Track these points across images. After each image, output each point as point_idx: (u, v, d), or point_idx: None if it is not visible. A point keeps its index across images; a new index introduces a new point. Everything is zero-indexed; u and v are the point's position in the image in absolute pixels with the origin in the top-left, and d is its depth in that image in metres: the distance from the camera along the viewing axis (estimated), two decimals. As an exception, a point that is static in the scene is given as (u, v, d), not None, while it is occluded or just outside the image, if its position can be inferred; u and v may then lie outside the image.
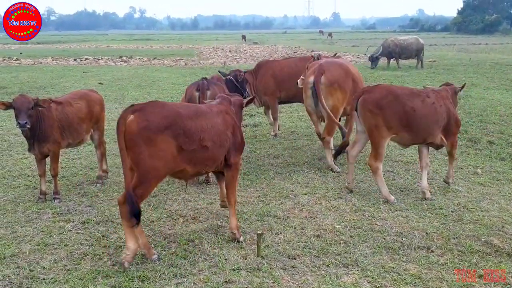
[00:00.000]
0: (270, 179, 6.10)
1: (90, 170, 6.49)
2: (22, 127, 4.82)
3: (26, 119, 4.79)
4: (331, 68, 6.42)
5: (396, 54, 19.74)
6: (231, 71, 7.44)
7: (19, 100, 4.86)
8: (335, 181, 6.02)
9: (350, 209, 5.09)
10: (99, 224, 4.74)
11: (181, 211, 5.07)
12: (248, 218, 4.90)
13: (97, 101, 5.85)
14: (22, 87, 14.78)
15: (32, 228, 4.60)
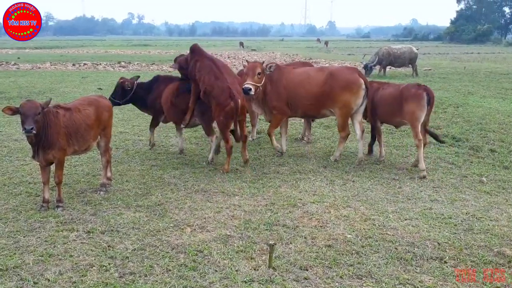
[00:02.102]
0: (276, 187, 6.00)
1: (93, 177, 6.37)
2: (28, 132, 4.67)
3: (32, 125, 4.66)
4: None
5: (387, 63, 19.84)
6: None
7: (26, 105, 4.73)
8: (342, 189, 5.94)
9: (359, 218, 5.00)
10: (104, 233, 4.62)
11: (188, 220, 4.96)
12: (257, 227, 4.79)
13: (106, 107, 5.73)
14: (20, 92, 14.63)
15: (35, 238, 4.47)
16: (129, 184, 6.09)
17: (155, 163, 7.08)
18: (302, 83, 7.03)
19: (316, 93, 6.94)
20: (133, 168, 6.83)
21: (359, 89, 6.82)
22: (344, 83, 6.82)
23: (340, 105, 6.88)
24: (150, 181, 6.24)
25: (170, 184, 6.11)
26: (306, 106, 7.10)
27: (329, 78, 6.89)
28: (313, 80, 7.00)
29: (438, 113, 11.03)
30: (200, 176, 6.49)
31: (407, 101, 6.59)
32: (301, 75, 7.15)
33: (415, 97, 6.56)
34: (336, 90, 6.83)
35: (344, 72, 7.01)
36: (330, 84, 6.86)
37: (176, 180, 6.29)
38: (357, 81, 6.85)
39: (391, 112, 6.89)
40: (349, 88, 6.80)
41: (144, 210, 5.23)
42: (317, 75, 7.06)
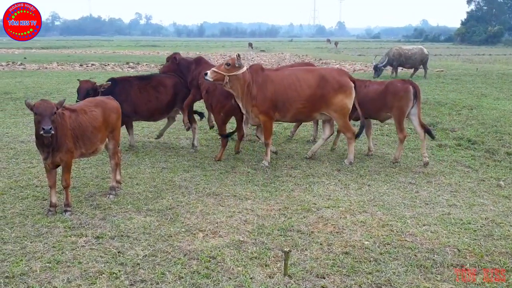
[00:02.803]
0: (289, 191, 5.84)
1: (102, 180, 6.25)
2: (47, 133, 4.51)
3: (50, 124, 4.52)
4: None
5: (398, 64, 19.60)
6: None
7: (42, 105, 4.58)
8: (357, 193, 5.76)
9: (377, 224, 4.83)
10: (114, 239, 4.49)
11: (200, 225, 4.82)
12: (271, 232, 4.64)
13: (114, 109, 5.59)
14: (27, 93, 14.59)
15: (43, 244, 4.34)
16: (139, 187, 5.96)
17: (166, 166, 6.95)
18: (292, 86, 6.79)
19: (309, 96, 6.77)
20: (143, 170, 6.70)
21: (351, 91, 6.82)
22: (338, 86, 6.75)
23: (335, 107, 6.80)
24: (160, 184, 6.11)
25: (181, 187, 5.97)
26: (297, 110, 6.87)
27: (322, 81, 6.76)
28: (304, 82, 6.81)
29: (453, 115, 10.81)
30: (211, 179, 6.35)
31: (394, 96, 6.87)
32: (289, 77, 6.88)
33: (402, 91, 6.85)
34: (330, 93, 6.74)
35: (335, 74, 6.92)
36: (324, 87, 6.73)
37: (187, 183, 6.15)
38: (348, 83, 6.82)
39: (378, 108, 7.11)
40: (343, 91, 6.76)
41: (155, 215, 5.09)
42: (307, 77, 6.84)
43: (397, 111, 6.91)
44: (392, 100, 6.91)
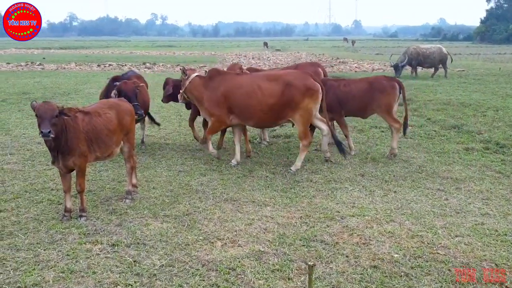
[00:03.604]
0: (311, 197, 5.59)
1: (118, 184, 6.09)
2: (45, 136, 4.36)
3: (49, 128, 4.35)
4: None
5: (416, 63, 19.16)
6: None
7: (42, 108, 4.41)
8: (383, 200, 5.48)
9: (406, 235, 4.55)
10: (130, 247, 4.31)
11: (218, 233, 4.61)
12: (293, 243, 4.40)
13: (128, 111, 5.42)
14: (45, 93, 14.62)
15: (56, 252, 4.18)
16: (155, 192, 5.78)
17: (182, 169, 6.76)
18: (253, 95, 6.60)
19: (272, 105, 6.56)
20: (160, 174, 6.53)
21: (318, 94, 6.60)
22: (304, 89, 6.51)
23: (302, 112, 6.56)
24: (177, 188, 5.93)
25: (198, 192, 5.78)
26: (259, 118, 6.71)
27: (287, 88, 6.51)
28: (266, 91, 6.58)
29: (478, 117, 10.42)
30: (229, 183, 6.14)
31: (381, 93, 7.05)
32: (250, 85, 6.66)
33: (389, 88, 7.05)
34: (297, 98, 6.50)
35: (301, 78, 6.64)
36: (289, 94, 6.51)
37: (204, 187, 5.95)
38: (315, 86, 6.58)
39: (364, 105, 7.21)
40: (310, 94, 6.53)
41: (172, 221, 4.90)
42: (270, 86, 6.60)
43: (386, 107, 7.09)
44: (380, 97, 7.06)
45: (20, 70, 23.54)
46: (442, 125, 9.67)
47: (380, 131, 9.20)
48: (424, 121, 10.16)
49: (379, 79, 7.29)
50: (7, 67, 25.13)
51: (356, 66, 25.10)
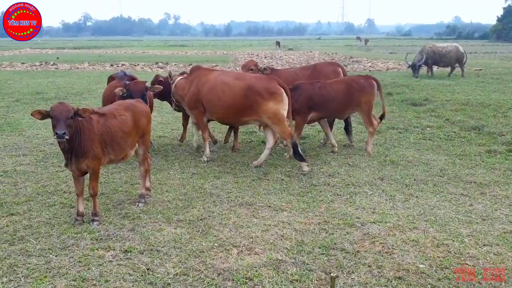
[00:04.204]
0: (329, 202, 5.40)
1: (131, 187, 5.97)
2: (60, 138, 4.25)
3: (64, 129, 4.25)
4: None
5: (432, 62, 18.80)
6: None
7: (57, 108, 4.32)
8: (405, 206, 5.26)
9: (431, 243, 4.33)
10: (143, 253, 4.17)
11: (233, 240, 4.45)
12: (311, 251, 4.22)
13: (144, 113, 5.29)
14: (58, 93, 14.62)
15: (68, 258, 4.06)
16: (169, 195, 5.64)
17: (196, 171, 6.62)
18: (214, 90, 6.82)
19: (231, 104, 6.71)
20: (173, 176, 6.39)
21: (282, 97, 6.58)
22: (267, 94, 6.55)
23: (268, 115, 6.58)
24: (191, 191, 5.78)
25: (212, 196, 5.63)
26: (219, 114, 6.95)
27: (249, 91, 6.59)
28: (229, 89, 6.73)
29: (498, 118, 10.12)
30: (243, 186, 5.98)
31: (361, 92, 7.13)
32: (216, 80, 6.89)
33: (368, 87, 7.18)
34: (259, 102, 6.55)
35: (264, 82, 6.67)
36: (251, 97, 6.58)
37: (218, 191, 5.80)
38: (278, 90, 6.57)
39: (344, 106, 7.25)
40: (273, 98, 6.54)
41: (186, 226, 4.75)
42: (234, 85, 6.73)
43: (366, 106, 7.20)
44: (360, 96, 7.15)
45: (34, 70, 23.68)
46: (462, 126, 9.39)
47: (397, 132, 8.95)
48: (443, 122, 9.89)
49: (356, 78, 7.36)
50: (21, 67, 25.32)
51: (370, 66, 24.73)
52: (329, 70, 8.25)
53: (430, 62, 18.90)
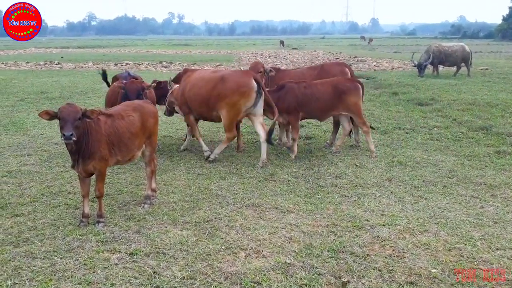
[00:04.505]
0: (337, 204, 5.32)
1: (136, 187, 5.91)
2: (67, 139, 4.19)
3: (72, 131, 4.19)
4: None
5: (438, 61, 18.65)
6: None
7: (65, 110, 4.26)
8: (414, 208, 5.17)
9: (442, 247, 4.25)
10: (149, 256, 4.11)
11: (240, 242, 4.37)
12: (320, 254, 4.14)
13: (151, 113, 5.22)
14: (63, 92, 14.59)
15: (73, 260, 4.00)
16: (174, 196, 5.58)
17: (201, 172, 6.56)
18: (195, 86, 7.06)
19: (204, 96, 6.94)
20: (179, 177, 6.33)
21: (250, 92, 6.69)
22: (235, 86, 6.72)
23: (227, 107, 6.77)
24: (197, 192, 5.72)
25: (219, 197, 5.56)
26: (195, 108, 7.15)
27: (220, 82, 6.81)
28: (204, 83, 6.99)
29: (506, 118, 10.00)
30: (250, 187, 5.91)
31: (346, 95, 7.07)
32: (195, 77, 7.20)
33: (354, 89, 7.12)
34: (227, 94, 6.73)
35: (236, 75, 6.90)
36: (220, 88, 6.78)
37: (224, 192, 5.73)
38: (248, 83, 6.71)
39: (329, 108, 7.19)
40: (239, 91, 6.70)
41: (192, 228, 4.69)
42: (208, 78, 7.03)
43: (354, 107, 7.14)
44: (345, 98, 7.09)
45: (39, 69, 23.70)
46: (469, 126, 9.29)
47: (404, 133, 8.86)
48: (450, 122, 9.78)
49: (342, 81, 7.28)
50: (26, 66, 25.35)
51: (375, 65, 24.60)
52: (336, 70, 8.18)
53: (436, 61, 18.77)
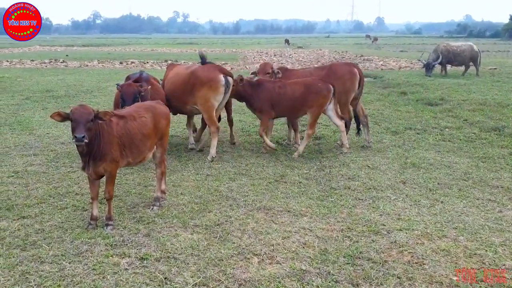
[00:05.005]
0: (351, 207, 5.18)
1: (145, 188, 5.79)
2: (79, 141, 4.07)
3: (84, 133, 4.07)
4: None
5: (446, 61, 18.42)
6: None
7: (78, 111, 4.14)
8: (431, 212, 5.03)
9: (462, 253, 4.10)
10: (160, 261, 3.99)
11: (253, 247, 4.25)
12: (336, 260, 4.01)
13: (164, 114, 5.10)
14: (68, 91, 14.51)
15: (82, 265, 3.89)
16: (184, 198, 5.46)
17: (210, 173, 6.43)
18: (173, 82, 7.31)
19: (179, 90, 7.20)
20: (187, 178, 6.21)
21: (218, 85, 6.96)
22: (204, 80, 6.99)
23: (200, 100, 7.05)
24: (206, 194, 5.59)
25: (229, 199, 5.43)
26: (174, 104, 7.28)
27: (191, 76, 7.12)
28: (178, 78, 7.31)
29: (519, 119, 9.81)
30: (260, 189, 5.78)
31: (317, 95, 7.08)
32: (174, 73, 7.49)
33: (325, 90, 7.11)
34: (196, 87, 7.03)
35: (205, 70, 7.13)
36: (192, 82, 7.07)
37: (234, 194, 5.60)
38: (216, 78, 6.97)
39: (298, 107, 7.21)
40: (208, 85, 6.96)
41: (203, 231, 4.56)
42: (183, 73, 7.34)
43: (317, 109, 7.15)
44: (314, 99, 7.10)
45: (44, 68, 23.66)
46: (481, 127, 9.12)
47: (415, 133, 8.70)
48: (461, 122, 9.61)
49: (315, 82, 7.25)
50: (31, 64, 25.31)
51: (382, 64, 24.40)
52: (345, 71, 7.98)
53: (444, 61, 18.58)
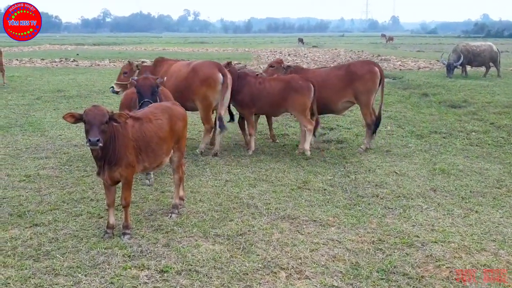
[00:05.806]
0: (380, 217, 4.90)
1: (162, 194, 5.56)
2: (93, 145, 3.87)
3: (98, 136, 3.86)
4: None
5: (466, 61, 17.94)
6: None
7: (91, 112, 3.92)
8: (466, 223, 4.72)
9: (506, 269, 3.80)
10: (181, 274, 3.75)
11: (280, 260, 3.99)
12: (369, 275, 3.74)
13: (180, 116, 4.86)
14: (80, 91, 14.36)
15: (99, 278, 3.66)
16: (203, 205, 5.22)
17: (229, 178, 6.19)
18: (171, 78, 7.17)
19: (178, 87, 7.12)
20: (205, 183, 5.97)
21: (216, 83, 6.94)
22: (203, 78, 6.98)
23: (199, 98, 7.07)
24: (226, 201, 5.35)
25: (250, 207, 5.18)
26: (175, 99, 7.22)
27: (191, 73, 7.10)
28: (178, 74, 7.26)
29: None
30: (282, 197, 5.52)
31: (297, 93, 7.09)
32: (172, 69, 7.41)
33: (305, 89, 7.09)
34: (196, 84, 7.02)
35: (204, 66, 7.14)
36: (191, 79, 7.07)
37: (256, 201, 5.35)
38: (214, 75, 6.94)
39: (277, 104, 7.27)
40: (207, 83, 6.96)
41: (225, 242, 4.32)
42: (182, 69, 7.30)
43: (300, 107, 7.13)
44: (294, 97, 7.09)
45: (54, 67, 23.60)
46: (510, 131, 8.76)
47: (441, 137, 8.36)
48: (488, 126, 9.24)
49: (295, 79, 7.24)
50: (41, 63, 25.26)
51: (400, 64, 23.85)
52: (365, 70, 7.58)
53: (464, 61, 18.11)
